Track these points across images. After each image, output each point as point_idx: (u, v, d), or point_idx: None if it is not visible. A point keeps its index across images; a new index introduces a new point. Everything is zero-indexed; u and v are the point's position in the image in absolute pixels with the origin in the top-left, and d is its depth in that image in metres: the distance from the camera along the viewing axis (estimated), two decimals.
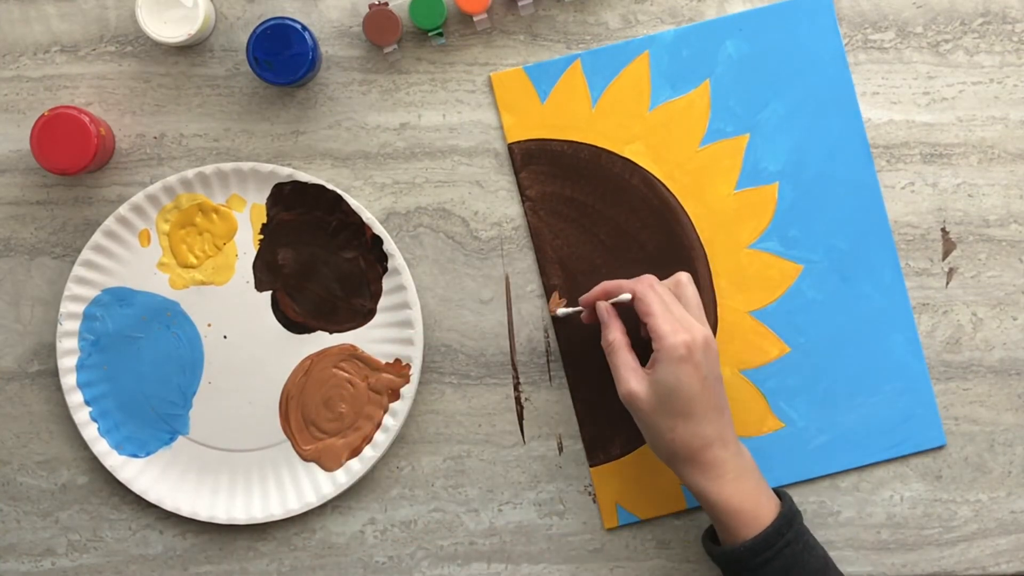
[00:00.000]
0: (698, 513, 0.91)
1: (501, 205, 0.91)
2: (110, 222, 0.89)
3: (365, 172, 0.90)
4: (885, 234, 0.90)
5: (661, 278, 0.87)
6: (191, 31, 0.86)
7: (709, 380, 0.80)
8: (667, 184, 0.90)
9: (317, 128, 0.90)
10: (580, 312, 0.87)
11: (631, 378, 0.81)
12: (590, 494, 0.91)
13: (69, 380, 0.90)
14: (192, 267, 0.90)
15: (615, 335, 0.83)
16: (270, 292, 0.90)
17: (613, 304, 0.84)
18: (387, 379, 0.90)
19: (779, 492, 0.83)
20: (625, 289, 0.83)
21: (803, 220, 0.90)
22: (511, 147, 0.90)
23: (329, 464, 0.90)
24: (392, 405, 0.90)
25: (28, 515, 0.91)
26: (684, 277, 0.84)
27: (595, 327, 0.86)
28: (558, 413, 0.91)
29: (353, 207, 0.89)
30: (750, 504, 0.80)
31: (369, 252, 0.90)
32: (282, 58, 0.85)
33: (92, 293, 0.90)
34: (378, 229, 0.89)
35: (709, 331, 0.81)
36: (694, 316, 0.82)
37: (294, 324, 0.90)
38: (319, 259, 0.90)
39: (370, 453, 0.90)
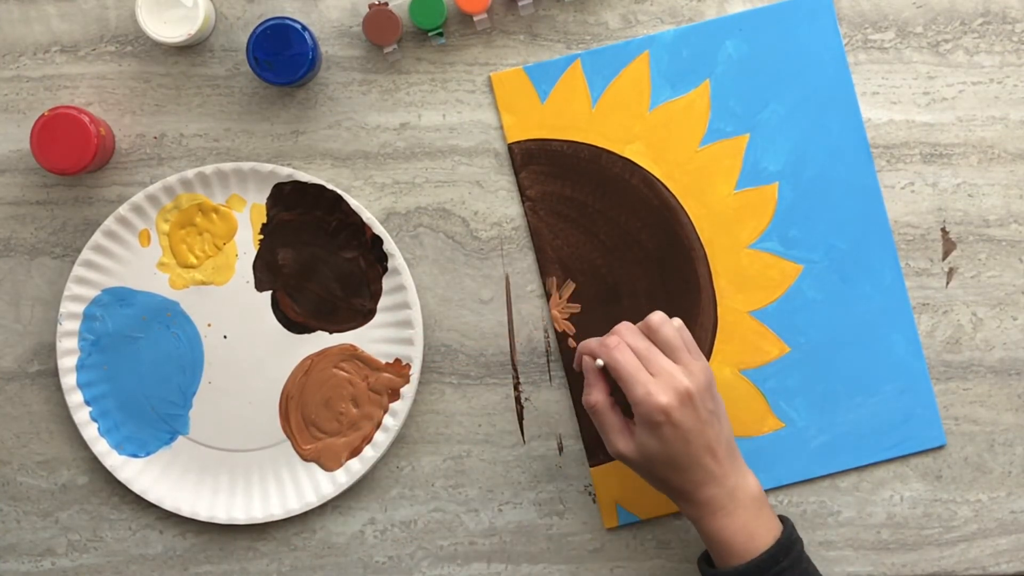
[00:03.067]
0: None
1: (501, 205, 0.91)
2: (110, 222, 0.89)
3: (365, 172, 0.90)
4: (885, 234, 0.90)
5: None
6: (191, 31, 0.86)
7: (695, 430, 0.78)
8: (667, 184, 0.90)
9: (317, 128, 0.90)
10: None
11: (618, 440, 0.80)
12: (590, 494, 0.91)
13: (69, 380, 0.90)
14: (192, 267, 0.90)
15: (596, 397, 0.81)
16: (270, 292, 0.90)
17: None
18: (387, 379, 0.90)
19: (782, 519, 0.82)
20: (596, 354, 0.81)
21: (803, 220, 0.90)
22: (511, 147, 0.90)
23: (329, 464, 0.90)
24: (392, 405, 0.90)
25: (28, 515, 0.91)
26: (655, 320, 0.81)
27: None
28: (558, 413, 0.91)
29: (353, 207, 0.89)
30: (742, 537, 0.79)
31: (369, 252, 0.90)
32: (282, 58, 0.85)
33: (92, 293, 0.90)
34: (378, 229, 0.89)
35: (694, 375, 0.79)
36: (677, 358, 0.80)
37: (294, 324, 0.90)
38: (319, 259, 0.90)
39: (370, 453, 0.90)
